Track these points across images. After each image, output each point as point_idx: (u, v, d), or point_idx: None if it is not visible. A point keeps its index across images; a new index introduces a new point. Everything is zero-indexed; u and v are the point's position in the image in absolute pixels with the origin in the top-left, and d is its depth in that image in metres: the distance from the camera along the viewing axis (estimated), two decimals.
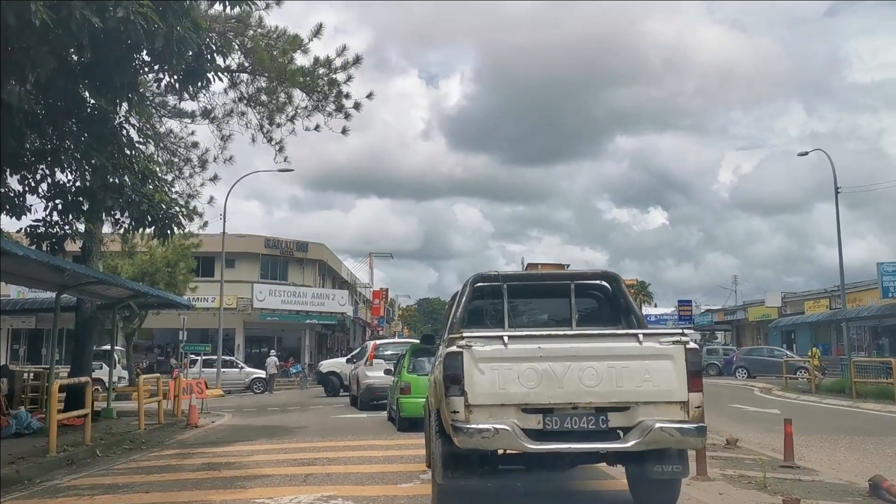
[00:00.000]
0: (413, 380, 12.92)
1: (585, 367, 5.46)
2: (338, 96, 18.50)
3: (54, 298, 14.33)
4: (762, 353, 36.88)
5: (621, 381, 5.45)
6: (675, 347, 5.53)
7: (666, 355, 5.51)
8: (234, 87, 18.85)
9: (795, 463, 8.54)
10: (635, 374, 5.47)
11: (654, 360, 5.50)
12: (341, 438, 12.36)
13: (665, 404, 5.46)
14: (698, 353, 5.67)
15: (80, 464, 10.10)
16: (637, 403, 5.46)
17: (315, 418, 17.24)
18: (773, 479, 7.47)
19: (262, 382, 33.58)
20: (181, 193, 19.80)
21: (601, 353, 5.52)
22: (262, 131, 19.02)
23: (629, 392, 5.45)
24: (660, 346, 5.54)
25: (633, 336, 5.66)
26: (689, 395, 5.46)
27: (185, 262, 29.79)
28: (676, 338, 5.60)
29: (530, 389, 5.42)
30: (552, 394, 5.43)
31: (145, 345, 44.86)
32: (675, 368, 5.48)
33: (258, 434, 13.64)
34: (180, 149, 20.70)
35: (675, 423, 5.40)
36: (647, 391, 5.46)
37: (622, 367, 5.48)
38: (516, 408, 5.42)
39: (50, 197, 12.76)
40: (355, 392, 20.37)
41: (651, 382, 5.46)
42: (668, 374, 5.47)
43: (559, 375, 5.44)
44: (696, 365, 5.56)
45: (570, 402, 5.45)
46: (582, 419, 5.46)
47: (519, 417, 5.41)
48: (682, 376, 5.47)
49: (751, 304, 55.24)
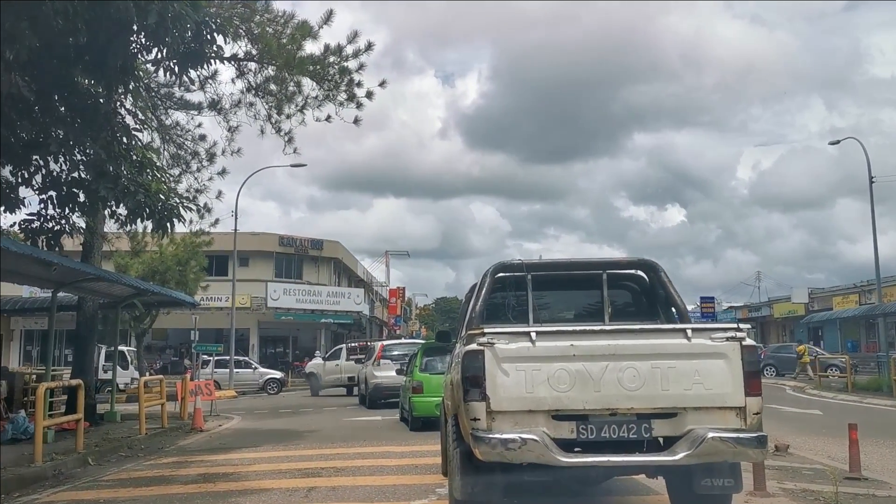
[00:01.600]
0: (425, 379, 12.79)
1: (625, 368, 4.82)
2: (349, 85, 17.78)
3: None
4: (790, 350, 35.60)
5: (667, 384, 4.81)
6: (730, 345, 4.85)
7: (719, 354, 4.84)
8: (241, 77, 18.17)
9: (862, 474, 7.55)
10: (683, 376, 4.81)
11: (706, 360, 4.84)
12: (352, 444, 11.52)
13: (718, 410, 4.81)
14: (756, 352, 4.99)
15: (68, 474, 9.32)
16: (685, 409, 4.83)
17: (327, 421, 16.44)
18: (842, 495, 6.50)
19: (276, 383, 32.84)
20: (189, 188, 19.25)
21: (644, 351, 4.86)
22: (270, 121, 18.37)
23: (676, 396, 4.81)
24: (712, 342, 4.87)
25: (681, 331, 4.97)
26: (747, 400, 4.79)
27: (196, 261, 29.03)
28: (731, 333, 4.91)
29: (562, 393, 4.80)
30: (587, 398, 4.81)
31: (159, 345, 44.40)
32: (730, 369, 4.81)
33: (265, 439, 12.83)
34: (187, 142, 19.97)
35: (731, 432, 4.72)
36: (698, 395, 4.80)
37: (668, 367, 4.82)
38: (546, 414, 4.81)
39: (43, 188, 12.10)
40: (363, 391, 20.76)
41: (702, 385, 4.80)
42: (721, 376, 4.81)
43: (595, 377, 4.81)
44: (754, 365, 4.90)
45: (608, 408, 4.83)
46: (622, 427, 4.83)
47: (549, 425, 4.81)
48: (738, 378, 4.80)
49: (776, 300, 53.94)
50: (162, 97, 18.92)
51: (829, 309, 43.72)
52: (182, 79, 11.38)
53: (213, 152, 19.65)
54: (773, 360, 34.89)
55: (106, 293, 15.67)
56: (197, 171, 19.72)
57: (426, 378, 12.79)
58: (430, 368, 12.96)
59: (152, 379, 19.22)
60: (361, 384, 21.42)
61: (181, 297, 17.62)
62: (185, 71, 10.92)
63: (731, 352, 4.85)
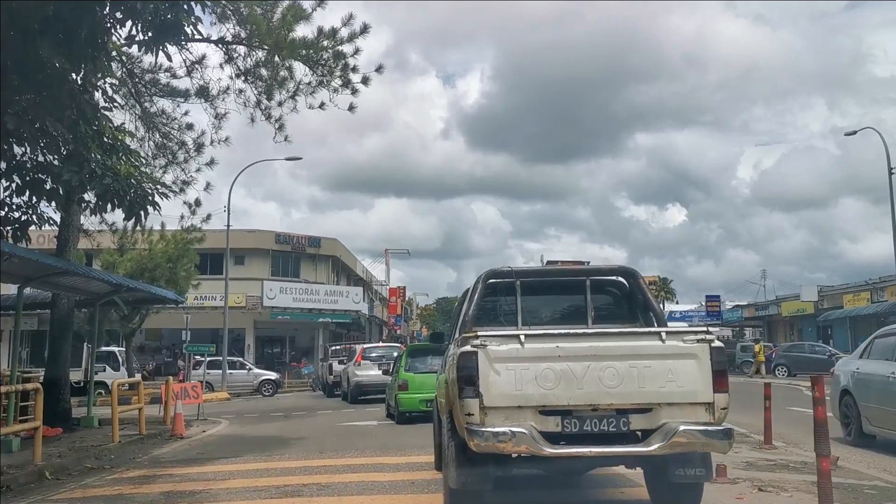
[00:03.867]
0: (410, 377, 14.02)
1: (606, 367, 5.25)
2: (344, 70, 16.84)
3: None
4: (803, 349, 34.50)
5: (643, 382, 5.25)
6: (700, 346, 5.32)
7: (690, 354, 5.31)
8: (230, 62, 17.21)
9: None
10: (658, 374, 5.27)
11: (678, 360, 5.31)
12: (341, 454, 10.44)
13: (689, 405, 5.28)
14: (724, 352, 5.43)
15: (18, 491, 8.22)
16: (660, 405, 5.27)
17: (318, 426, 15.37)
18: None
19: (271, 384, 31.76)
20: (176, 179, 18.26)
21: (622, 352, 5.32)
22: (259, 108, 17.37)
23: (652, 393, 5.26)
24: (684, 344, 5.35)
25: (656, 334, 5.46)
26: (715, 396, 5.26)
27: (187, 258, 27.93)
28: (701, 336, 5.36)
29: (548, 391, 5.22)
30: (571, 395, 5.24)
31: (153, 346, 43.36)
32: (700, 368, 5.27)
33: (247, 447, 11.75)
34: (173, 131, 18.91)
35: (701, 425, 5.21)
36: (671, 392, 5.26)
37: (644, 366, 5.27)
38: (534, 410, 5.23)
39: (6, 174, 11.07)
40: (346, 388, 23.42)
41: (675, 383, 5.26)
42: (692, 374, 5.27)
43: (578, 376, 5.23)
44: (722, 364, 5.35)
45: (590, 404, 5.26)
46: (602, 421, 5.27)
47: (537, 420, 5.23)
48: (708, 376, 5.27)
49: (784, 298, 52.73)
50: (146, 83, 17.92)
51: (840, 307, 42.67)
52: (158, 53, 10.29)
53: (202, 142, 18.62)
54: (784, 360, 33.73)
55: (82, 289, 14.62)
56: (184, 162, 18.76)
57: (411, 377, 14.01)
58: (414, 368, 14.14)
59: (129, 381, 17.98)
60: (344, 382, 24.06)
61: (163, 294, 16.47)
62: (160, 44, 9.98)
63: (701, 352, 5.26)
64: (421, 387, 13.59)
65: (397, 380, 14.79)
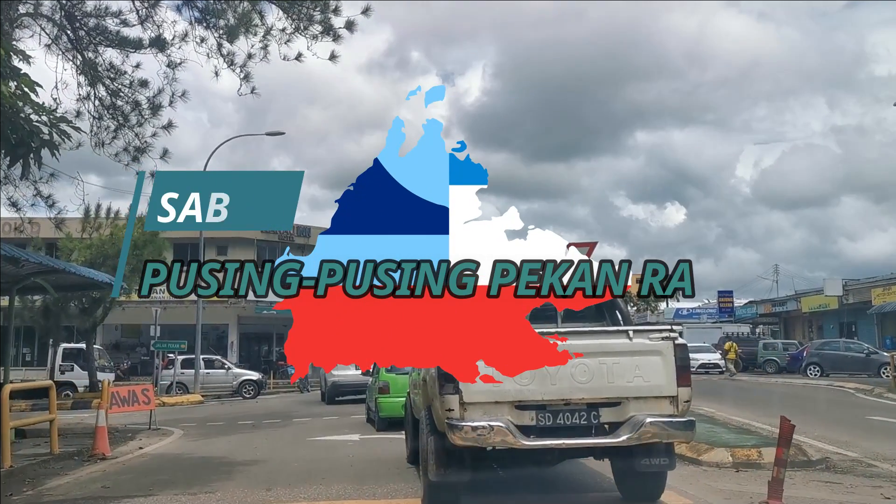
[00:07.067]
0: (391, 379, 13.27)
1: (577, 364, 5.45)
2: (324, 12, 14.09)
3: None
4: (838, 346, 31.48)
5: (612, 377, 5.56)
6: (665, 343, 5.67)
7: (655, 351, 5.65)
8: (188, 3, 14.44)
9: None
10: (626, 370, 5.58)
11: (645, 356, 5.64)
12: (299, 488, 7.50)
13: (655, 399, 5.60)
14: (686, 349, 5.74)
15: None
16: (628, 399, 5.59)
17: (283, 441, 12.47)
18: None
19: (253, 385, 28.72)
20: (128, 145, 15.47)
21: (593, 349, 5.57)
22: (220, 53, 14.53)
23: (620, 388, 5.58)
24: (649, 342, 5.69)
25: (624, 332, 5.80)
26: (679, 390, 5.60)
27: (153, 245, 24.80)
28: (665, 334, 5.71)
29: (524, 386, 5.46)
30: (545, 390, 5.52)
31: (129, 343, 40.43)
32: (665, 364, 5.62)
33: (175, 477, 8.75)
34: (124, 87, 15.99)
35: (665, 417, 5.54)
36: (638, 386, 5.58)
37: (613, 363, 5.59)
38: (510, 405, 5.51)
39: None
40: (323, 389, 23.32)
41: (641, 378, 5.59)
42: (657, 370, 5.60)
43: (552, 372, 5.43)
44: (685, 360, 5.67)
45: (562, 399, 5.55)
46: (574, 415, 5.56)
47: (513, 414, 5.52)
48: (672, 372, 5.60)
49: (804, 293, 49.80)
50: (90, 30, 15.07)
51: (868, 302, 39.80)
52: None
53: (159, 102, 15.71)
54: (816, 359, 30.65)
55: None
56: (138, 126, 15.88)
57: (392, 378, 13.21)
58: (395, 369, 13.13)
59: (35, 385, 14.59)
60: (322, 382, 23.94)
61: (91, 276, 13.25)
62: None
63: (666, 349, 5.70)
64: (403, 389, 11.71)
65: (378, 382, 13.81)
